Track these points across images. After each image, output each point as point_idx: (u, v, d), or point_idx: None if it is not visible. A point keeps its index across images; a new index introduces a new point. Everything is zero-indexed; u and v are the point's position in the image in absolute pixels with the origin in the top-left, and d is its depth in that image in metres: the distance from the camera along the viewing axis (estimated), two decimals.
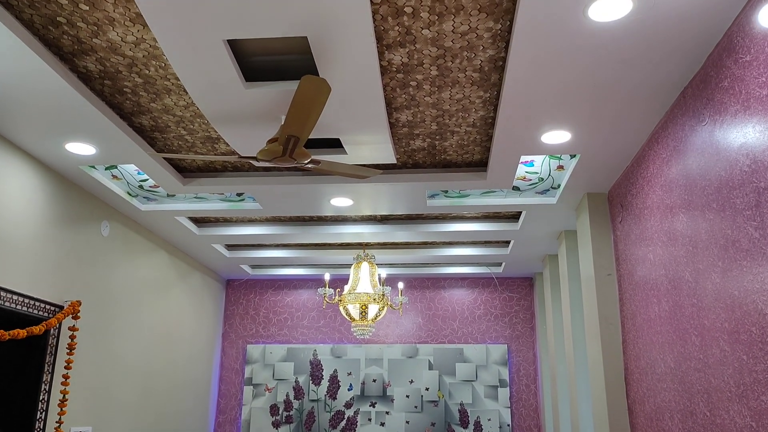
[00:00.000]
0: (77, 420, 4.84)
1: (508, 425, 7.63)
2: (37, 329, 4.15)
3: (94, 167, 4.65)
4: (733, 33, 2.72)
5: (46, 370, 4.43)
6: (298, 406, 7.89)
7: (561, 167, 4.65)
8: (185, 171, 4.88)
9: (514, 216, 5.95)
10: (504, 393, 7.74)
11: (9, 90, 3.36)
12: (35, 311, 4.31)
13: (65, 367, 4.56)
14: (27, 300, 4.23)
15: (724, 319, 2.85)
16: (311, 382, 7.96)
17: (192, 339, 7.28)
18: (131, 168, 4.74)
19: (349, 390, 7.91)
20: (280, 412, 7.88)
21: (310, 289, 8.36)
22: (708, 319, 3.03)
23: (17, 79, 3.25)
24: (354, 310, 6.47)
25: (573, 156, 4.38)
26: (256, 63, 3.27)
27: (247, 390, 8.01)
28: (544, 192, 5.17)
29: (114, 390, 5.45)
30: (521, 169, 4.69)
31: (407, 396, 7.81)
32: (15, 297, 4.11)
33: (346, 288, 6.62)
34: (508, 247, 6.78)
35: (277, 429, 7.82)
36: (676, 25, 2.77)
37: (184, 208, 5.46)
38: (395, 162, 4.46)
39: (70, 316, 4.63)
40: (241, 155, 4.02)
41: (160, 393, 6.41)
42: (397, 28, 2.99)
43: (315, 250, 7.07)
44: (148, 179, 4.94)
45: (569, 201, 5.12)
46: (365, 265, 6.59)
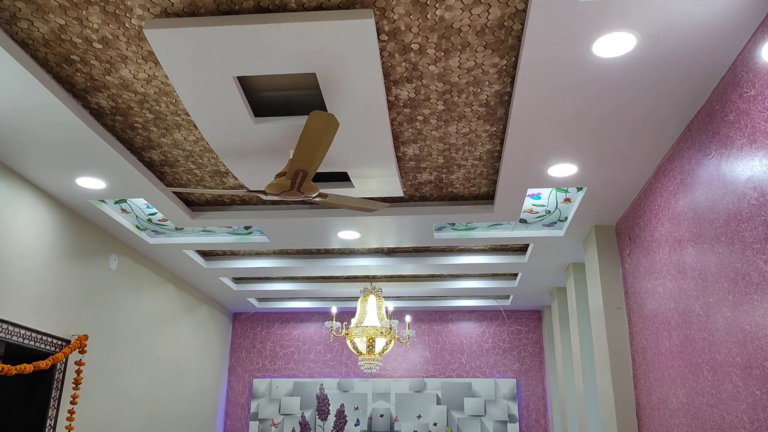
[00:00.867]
0: None
1: None
2: (43, 364, 4.14)
3: (103, 201, 4.69)
4: (737, 68, 2.75)
5: (51, 405, 4.40)
6: None
7: (568, 200, 4.66)
8: (194, 205, 4.91)
9: (521, 248, 5.94)
10: (513, 428, 7.61)
11: (22, 125, 3.42)
12: (42, 345, 4.31)
13: (71, 402, 4.54)
14: (34, 334, 4.22)
15: (736, 353, 2.82)
16: (318, 417, 7.87)
17: (198, 373, 7.23)
18: (140, 202, 4.78)
19: (356, 425, 7.81)
20: None
21: (317, 322, 8.32)
22: (720, 354, 3.00)
23: (31, 115, 3.30)
24: (361, 344, 6.42)
25: (580, 189, 4.39)
26: (265, 98, 3.32)
27: (253, 425, 7.91)
28: (552, 224, 5.17)
29: (120, 424, 5.40)
30: (528, 202, 4.70)
31: (415, 431, 7.69)
32: (22, 331, 4.11)
33: (353, 321, 6.59)
34: (515, 279, 6.75)
35: None
36: (680, 60, 2.80)
37: (192, 242, 5.48)
38: (402, 195, 4.48)
39: (77, 350, 4.62)
40: (250, 189, 4.06)
41: (166, 428, 6.34)
42: (404, 64, 3.03)
43: (322, 283, 7.05)
44: (156, 213, 4.97)
45: (577, 233, 5.11)
46: (372, 298, 6.57)
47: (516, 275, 6.70)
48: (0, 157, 3.84)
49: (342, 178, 4.24)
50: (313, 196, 3.51)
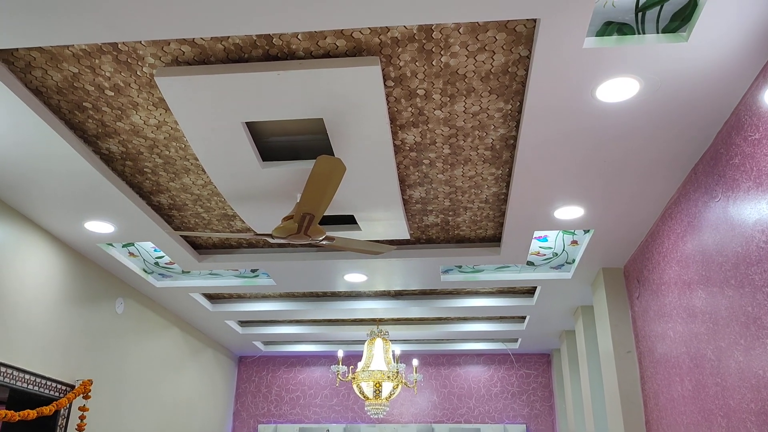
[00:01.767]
0: None
1: None
2: (47, 410, 4.09)
3: (111, 245, 4.71)
4: (740, 112, 2.77)
5: None
6: None
7: (575, 242, 4.64)
8: (201, 248, 4.92)
9: (529, 291, 5.90)
10: None
11: (33, 170, 3.46)
12: (46, 391, 4.27)
13: None
14: (38, 379, 4.19)
15: (750, 399, 2.76)
16: None
17: (203, 419, 7.12)
18: (148, 245, 4.80)
19: None
20: None
21: (323, 366, 8.22)
22: (733, 400, 2.94)
23: (42, 160, 3.35)
24: (368, 388, 6.34)
25: (587, 231, 4.39)
26: (273, 143, 3.36)
27: None
28: (559, 267, 5.14)
29: None
30: (535, 244, 4.69)
31: None
32: (27, 376, 4.08)
33: (360, 365, 6.51)
34: (524, 322, 6.68)
35: None
36: (684, 104, 2.83)
37: (198, 285, 5.47)
38: (409, 238, 4.48)
39: (81, 395, 4.57)
40: (257, 232, 4.06)
41: None
42: (410, 109, 3.08)
43: (328, 326, 7.00)
44: (164, 256, 4.98)
45: (585, 276, 5.08)
46: (379, 341, 6.51)
47: (524, 318, 6.64)
48: (10, 201, 3.88)
49: (349, 221, 4.25)
50: (320, 239, 3.52)
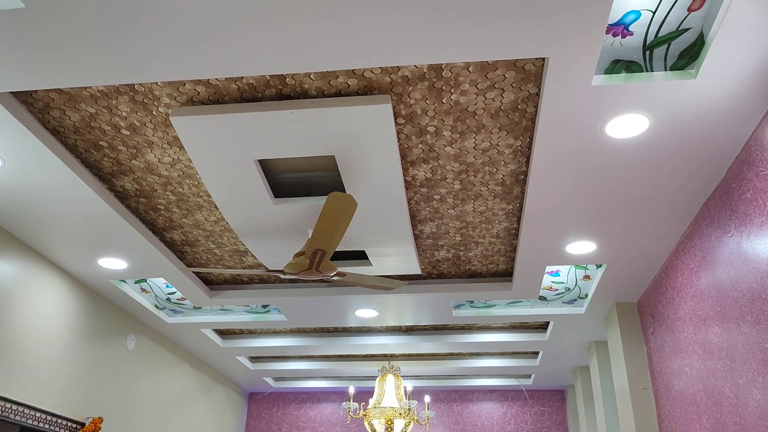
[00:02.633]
0: None
1: None
2: None
3: (124, 281, 4.73)
4: (751, 146, 2.77)
5: None
6: None
7: (587, 277, 4.61)
8: (212, 284, 4.93)
9: (541, 326, 5.84)
10: None
11: (48, 207, 3.51)
12: (56, 428, 4.25)
13: None
14: (48, 417, 4.17)
15: None
16: None
17: None
18: (160, 281, 4.82)
19: None
20: None
21: (334, 402, 8.13)
22: None
23: (57, 198, 3.39)
24: (380, 426, 6.24)
25: (599, 266, 4.36)
26: (285, 180, 3.39)
27: None
28: (572, 302, 5.10)
29: None
30: (547, 279, 4.66)
31: None
32: (37, 414, 4.06)
33: (371, 402, 6.43)
34: (537, 358, 6.60)
35: None
36: (694, 140, 2.84)
37: (209, 320, 5.47)
38: (420, 273, 4.47)
39: None
40: (269, 268, 4.07)
41: None
42: (420, 146, 3.10)
43: (339, 362, 6.94)
44: (175, 292, 5.00)
45: (598, 311, 5.03)
46: (390, 377, 6.44)
47: (537, 353, 6.56)
48: (25, 238, 3.92)
49: (360, 256, 4.26)
50: (331, 275, 3.52)
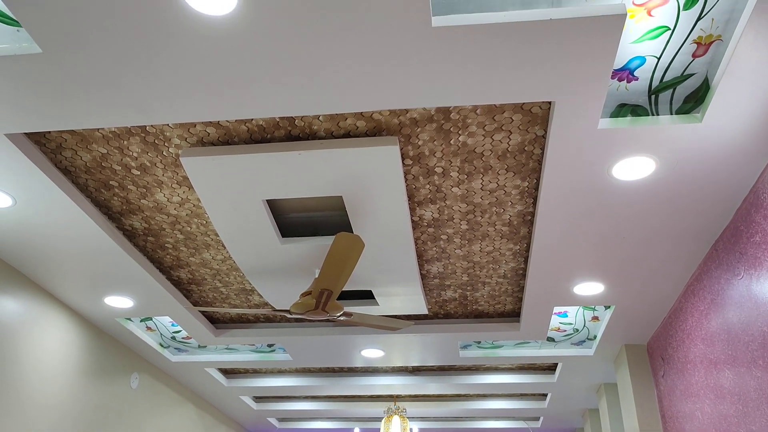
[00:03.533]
0: None
1: None
2: None
3: (129, 319, 4.72)
4: (758, 189, 2.77)
5: None
6: None
7: (596, 318, 4.57)
8: (218, 322, 4.91)
9: (550, 367, 5.76)
10: None
11: (57, 246, 3.53)
12: None
13: None
14: None
15: None
16: None
17: None
18: (165, 320, 4.80)
19: None
20: None
21: None
22: None
23: (66, 236, 3.42)
24: None
25: (607, 307, 4.32)
26: (293, 219, 3.40)
27: None
28: (580, 343, 5.04)
29: None
30: (555, 320, 4.62)
31: None
32: None
33: None
34: (545, 400, 6.50)
35: None
36: (701, 182, 2.84)
37: (214, 359, 5.43)
38: (427, 312, 4.44)
39: None
40: (275, 308, 4.07)
41: None
42: (428, 186, 3.12)
43: (345, 403, 6.85)
44: (181, 330, 4.97)
45: (607, 353, 4.97)
46: (396, 419, 6.34)
47: (545, 395, 6.46)
48: (32, 275, 3.93)
49: (366, 295, 4.24)
50: (338, 315, 3.51)
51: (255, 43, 2.14)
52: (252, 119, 2.67)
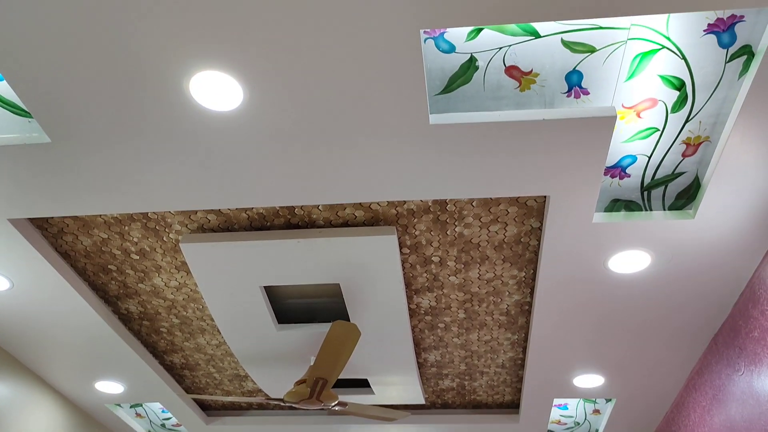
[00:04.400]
0: None
1: None
2: None
3: (119, 405, 4.60)
4: (754, 284, 2.78)
5: None
6: None
7: (597, 411, 4.46)
8: (209, 409, 4.79)
9: None
10: None
11: (50, 329, 3.49)
12: None
13: None
14: None
15: None
16: None
17: None
18: (156, 406, 4.68)
19: None
20: None
21: None
22: None
23: (60, 320, 3.39)
24: None
25: (609, 400, 4.23)
26: (289, 305, 3.39)
27: None
28: None
29: None
30: (555, 412, 4.51)
31: None
32: None
33: None
34: None
35: None
36: (697, 276, 2.86)
37: None
38: (424, 402, 4.34)
39: None
40: (268, 396, 3.98)
41: None
42: (425, 275, 3.13)
43: None
44: (171, 417, 4.84)
45: None
46: None
47: None
48: (22, 358, 3.87)
49: (362, 384, 4.16)
50: (333, 404, 3.43)
51: (258, 138, 2.21)
52: (252, 207, 2.71)
